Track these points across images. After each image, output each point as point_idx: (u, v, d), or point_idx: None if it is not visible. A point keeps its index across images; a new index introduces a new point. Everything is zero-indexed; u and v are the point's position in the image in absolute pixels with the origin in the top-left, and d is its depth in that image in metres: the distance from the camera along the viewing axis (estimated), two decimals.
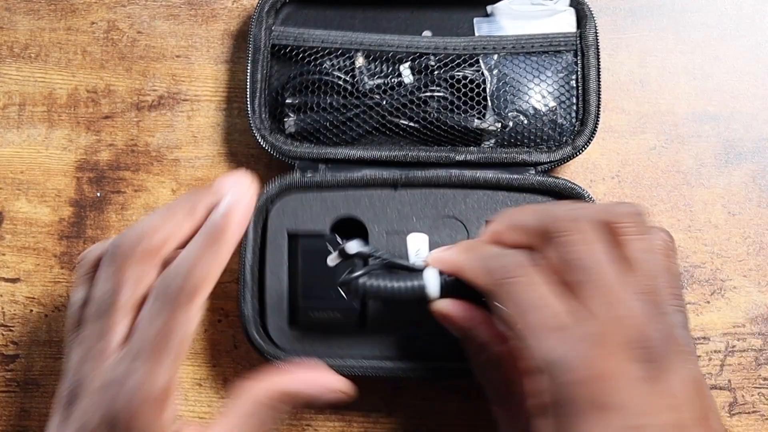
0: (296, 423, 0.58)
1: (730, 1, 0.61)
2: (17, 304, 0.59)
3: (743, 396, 0.58)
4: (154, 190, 0.60)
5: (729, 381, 0.58)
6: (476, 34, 0.58)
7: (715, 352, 0.58)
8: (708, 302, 0.58)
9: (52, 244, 0.60)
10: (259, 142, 0.56)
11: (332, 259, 0.50)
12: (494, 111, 0.56)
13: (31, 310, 0.59)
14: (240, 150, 0.60)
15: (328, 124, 0.57)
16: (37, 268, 0.60)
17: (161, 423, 0.37)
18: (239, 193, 0.40)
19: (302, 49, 0.57)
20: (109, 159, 0.60)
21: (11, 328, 0.59)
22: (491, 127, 0.56)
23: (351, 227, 0.56)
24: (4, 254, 0.60)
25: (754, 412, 0.58)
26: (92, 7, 0.61)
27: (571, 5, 0.57)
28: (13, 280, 0.60)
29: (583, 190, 0.55)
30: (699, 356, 0.58)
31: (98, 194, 0.60)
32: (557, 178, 0.56)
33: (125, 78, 0.61)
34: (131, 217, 0.60)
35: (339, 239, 0.55)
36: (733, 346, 0.58)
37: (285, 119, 0.57)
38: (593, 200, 0.55)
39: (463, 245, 0.46)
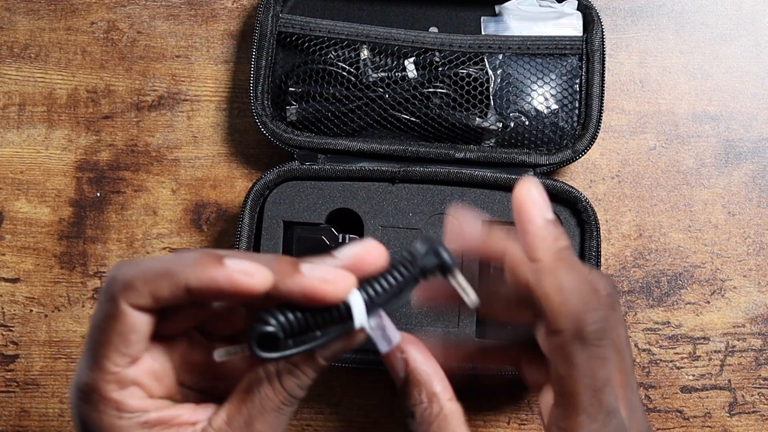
0: (296, 423, 0.58)
1: (730, 1, 0.61)
2: (17, 304, 0.59)
3: (743, 396, 0.58)
4: (154, 190, 0.60)
5: (729, 381, 0.58)
6: (483, 32, 0.58)
7: (715, 352, 0.58)
8: (708, 302, 0.58)
9: (52, 244, 0.60)
10: (260, 129, 0.56)
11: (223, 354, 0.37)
12: (496, 110, 0.56)
13: (31, 310, 0.59)
14: (240, 150, 0.60)
15: (329, 114, 0.57)
16: (37, 268, 0.59)
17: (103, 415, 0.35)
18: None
19: (308, 38, 0.57)
20: (109, 159, 0.60)
21: (11, 328, 0.59)
22: (492, 127, 0.56)
23: (347, 219, 0.56)
24: (4, 254, 0.60)
25: (754, 412, 0.58)
26: (92, 7, 0.61)
27: (578, 9, 0.57)
28: (13, 280, 0.59)
29: (580, 194, 0.55)
30: (699, 356, 0.58)
31: (98, 194, 0.60)
32: (555, 180, 0.56)
33: (125, 78, 0.61)
34: (131, 217, 0.60)
35: (334, 231, 0.55)
36: (733, 346, 0.58)
37: (287, 107, 0.57)
38: (590, 203, 0.55)
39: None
